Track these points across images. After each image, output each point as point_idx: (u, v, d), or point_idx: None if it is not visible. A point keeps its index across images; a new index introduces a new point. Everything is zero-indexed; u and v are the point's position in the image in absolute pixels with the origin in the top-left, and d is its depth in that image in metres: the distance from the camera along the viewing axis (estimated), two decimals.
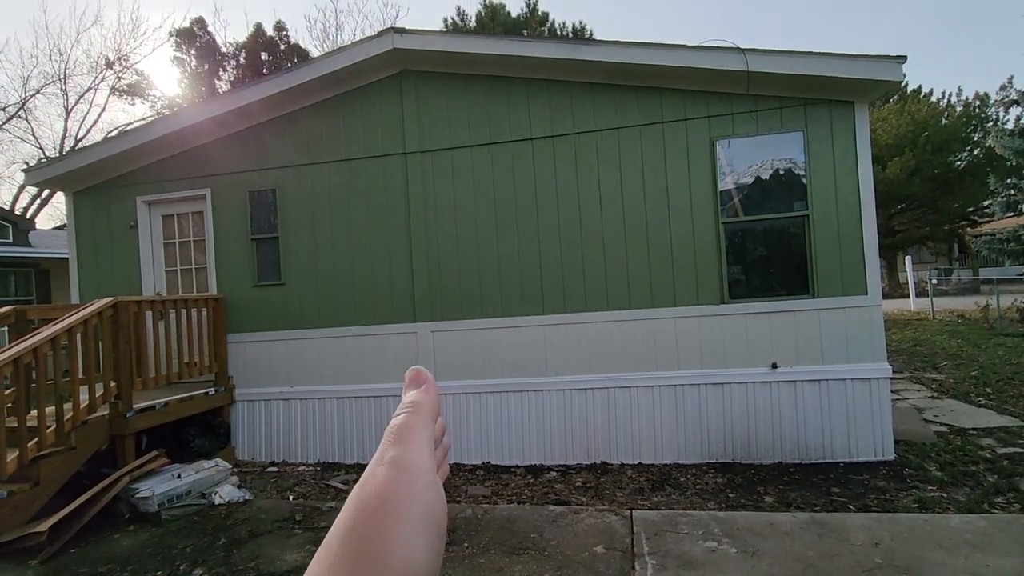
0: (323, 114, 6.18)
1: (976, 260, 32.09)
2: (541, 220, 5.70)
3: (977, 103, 24.52)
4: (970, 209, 26.29)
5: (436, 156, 5.92)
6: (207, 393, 5.86)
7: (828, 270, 5.19)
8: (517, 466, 5.61)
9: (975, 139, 24.15)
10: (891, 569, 3.02)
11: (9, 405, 4.10)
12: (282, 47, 25.86)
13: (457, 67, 5.83)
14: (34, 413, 4.16)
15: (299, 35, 47.37)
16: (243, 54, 25.54)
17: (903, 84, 23.46)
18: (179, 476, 4.57)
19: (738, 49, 5.06)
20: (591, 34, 25.27)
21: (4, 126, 25.43)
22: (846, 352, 5.15)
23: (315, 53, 25.57)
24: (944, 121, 23.85)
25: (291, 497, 4.93)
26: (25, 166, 8.01)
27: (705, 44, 5.19)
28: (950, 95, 25.45)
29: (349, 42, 6.52)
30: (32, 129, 36.67)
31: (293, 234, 6.20)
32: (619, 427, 5.50)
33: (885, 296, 6.55)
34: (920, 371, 8.81)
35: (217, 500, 4.57)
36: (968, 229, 27.83)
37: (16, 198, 25.87)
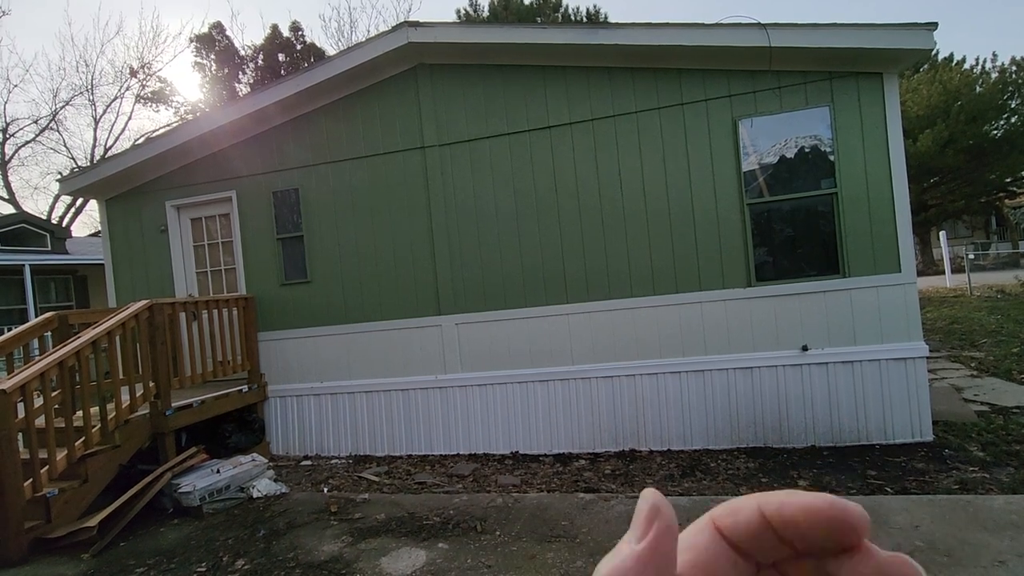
0: (341, 112, 6.23)
1: (1016, 232, 30.91)
2: (562, 209, 5.67)
3: (1014, 68, 23.44)
4: (1008, 180, 25.25)
5: (454, 149, 5.92)
6: (241, 390, 6.01)
7: (858, 248, 5.06)
8: (545, 455, 5.64)
9: (1012, 106, 23.11)
10: (932, 552, 2.96)
11: (56, 406, 4.28)
12: (298, 47, 26.12)
13: (472, 58, 5.81)
14: (79, 413, 4.33)
15: (314, 34, 47.65)
16: (261, 56, 25.88)
17: (934, 52, 22.56)
18: (218, 471, 4.70)
19: (759, 24, 4.93)
20: (606, 18, 24.92)
21: (37, 138, 26.28)
22: (880, 332, 5.02)
23: (331, 51, 25.77)
24: (978, 89, 22.87)
25: (326, 490, 5.05)
26: (59, 176, 8.28)
27: (724, 21, 5.07)
28: (984, 61, 24.38)
29: (364, 38, 6.55)
30: (63, 140, 37.81)
31: (317, 232, 6.29)
32: (647, 414, 5.48)
33: (919, 273, 6.36)
34: (958, 349, 8.55)
35: (255, 494, 4.70)
36: (1006, 201, 26.77)
37: (52, 208, 26.78)
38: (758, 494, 0.25)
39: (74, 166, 26.15)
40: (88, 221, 30.06)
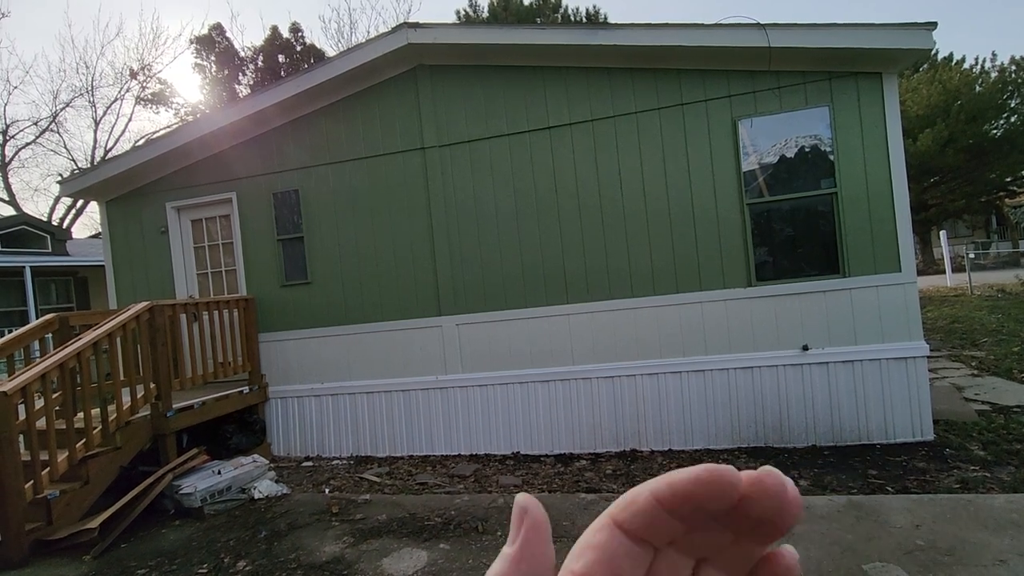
0: (341, 113, 6.24)
1: (1016, 231, 30.92)
2: (562, 209, 5.67)
3: (1013, 68, 23.45)
4: (1008, 179, 25.27)
5: (454, 149, 5.92)
6: (242, 391, 6.02)
7: (859, 248, 5.06)
8: (546, 455, 5.64)
9: (1012, 106, 23.11)
10: (933, 551, 2.96)
11: (57, 408, 4.29)
12: (298, 48, 26.14)
13: (472, 59, 5.82)
14: (80, 415, 4.34)
15: (314, 36, 47.76)
16: (261, 57, 25.89)
17: (933, 52, 22.59)
18: (219, 472, 4.70)
19: (758, 25, 4.93)
20: (605, 18, 24.93)
21: (37, 140, 26.31)
22: (880, 331, 5.02)
23: (330, 52, 25.78)
24: (978, 88, 22.88)
25: (327, 490, 5.05)
26: (59, 178, 8.28)
27: (724, 21, 5.07)
28: (984, 61, 24.43)
29: (364, 40, 6.55)
30: (64, 142, 37.88)
31: (317, 233, 6.29)
32: (648, 414, 5.48)
33: (919, 273, 6.37)
34: (959, 348, 8.55)
35: (256, 495, 4.70)
36: (1006, 200, 26.76)
37: (52, 209, 26.80)
38: (648, 482, 0.27)
39: (74, 168, 26.17)
40: (89, 223, 30.11)
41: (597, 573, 0.26)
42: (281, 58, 25.83)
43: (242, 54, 26.33)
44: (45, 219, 23.42)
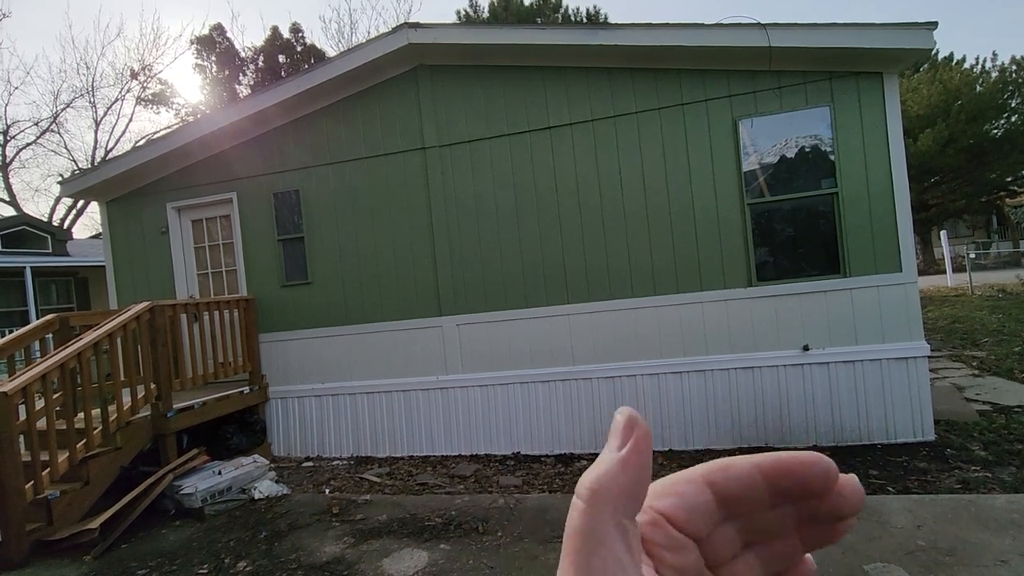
0: (341, 114, 6.24)
1: (1016, 231, 30.92)
2: (562, 210, 5.67)
3: (1014, 68, 23.42)
4: (1008, 179, 25.24)
5: (455, 150, 5.92)
6: (242, 392, 6.01)
7: (859, 248, 5.06)
8: (547, 455, 5.63)
9: (1012, 106, 23.08)
10: (934, 551, 2.95)
11: (57, 408, 4.29)
12: (299, 49, 26.14)
13: (472, 59, 5.82)
14: (80, 415, 4.33)
15: (314, 36, 47.76)
16: (261, 57, 25.89)
17: (934, 52, 22.57)
18: (220, 472, 4.70)
19: (759, 25, 4.93)
20: (606, 18, 24.93)
21: (38, 140, 26.32)
22: (881, 332, 5.02)
23: (331, 53, 25.77)
24: (979, 88, 22.85)
25: (327, 491, 5.05)
26: (60, 178, 8.28)
27: (724, 21, 5.07)
28: (984, 60, 24.36)
29: (364, 40, 6.54)
30: (64, 142, 37.97)
31: (318, 233, 6.29)
32: (649, 414, 5.47)
33: (920, 273, 6.36)
34: (959, 349, 8.54)
35: (257, 495, 4.70)
36: (1007, 200, 26.74)
37: (53, 210, 26.81)
38: (739, 456, 0.28)
39: (75, 168, 26.17)
40: (89, 223, 30.12)
41: (675, 517, 0.27)
42: (281, 58, 25.83)
43: (243, 54, 26.34)
44: (46, 219, 23.43)
